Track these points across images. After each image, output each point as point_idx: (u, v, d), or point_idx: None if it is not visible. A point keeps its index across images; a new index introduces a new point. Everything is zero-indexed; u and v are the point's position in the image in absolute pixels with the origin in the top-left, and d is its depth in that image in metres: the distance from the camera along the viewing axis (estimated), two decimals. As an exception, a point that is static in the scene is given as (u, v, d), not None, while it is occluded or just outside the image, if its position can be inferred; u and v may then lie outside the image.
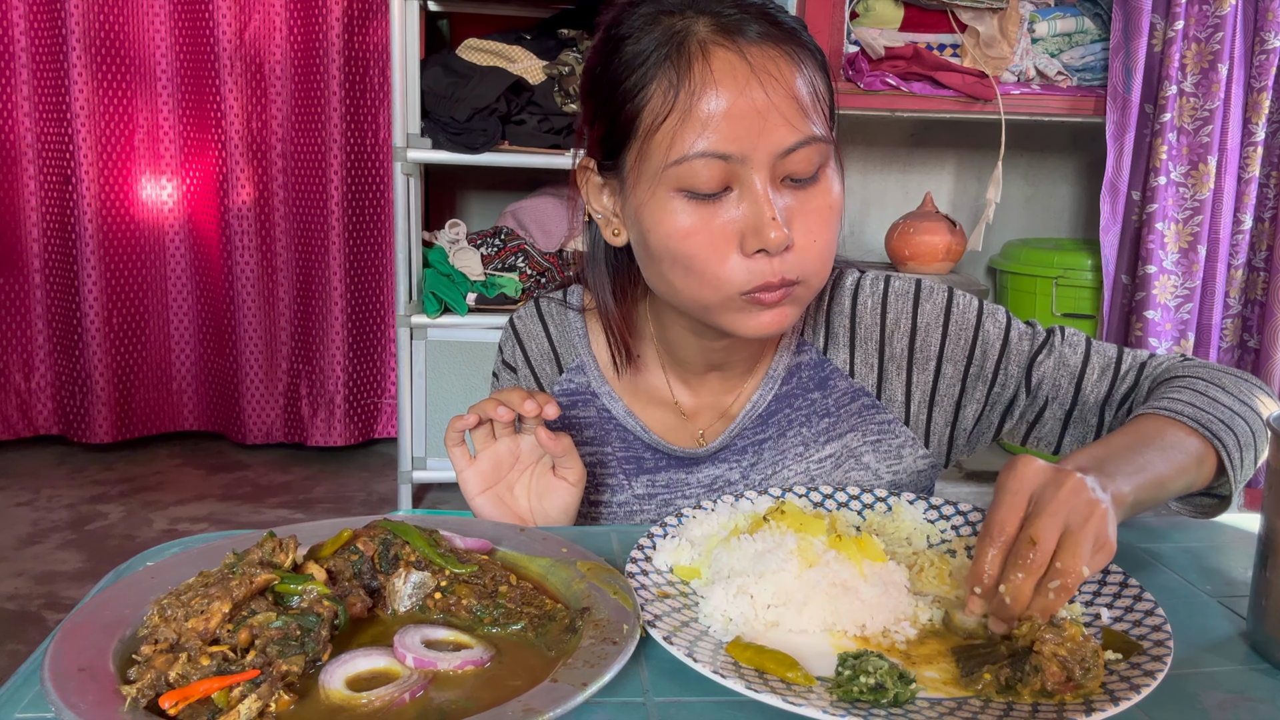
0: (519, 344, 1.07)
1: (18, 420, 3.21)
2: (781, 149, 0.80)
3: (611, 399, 1.01)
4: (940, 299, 0.97)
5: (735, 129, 0.79)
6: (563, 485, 0.91)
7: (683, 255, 0.82)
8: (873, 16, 2.68)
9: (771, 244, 0.79)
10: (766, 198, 0.80)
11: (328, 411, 3.19)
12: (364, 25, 3.01)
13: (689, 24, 0.81)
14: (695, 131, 0.79)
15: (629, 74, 0.83)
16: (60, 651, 0.59)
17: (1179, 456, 0.78)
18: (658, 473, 1.01)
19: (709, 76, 0.79)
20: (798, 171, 0.81)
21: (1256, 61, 2.50)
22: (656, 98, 0.81)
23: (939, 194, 3.18)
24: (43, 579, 2.37)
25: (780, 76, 0.80)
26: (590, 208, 0.93)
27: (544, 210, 2.80)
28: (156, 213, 3.16)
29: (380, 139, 3.07)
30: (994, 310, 0.98)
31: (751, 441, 0.98)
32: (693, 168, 0.80)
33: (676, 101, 0.80)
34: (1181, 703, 0.62)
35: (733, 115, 0.79)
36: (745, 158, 0.79)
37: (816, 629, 0.68)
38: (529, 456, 0.93)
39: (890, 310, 0.97)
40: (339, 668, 0.60)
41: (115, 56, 3.01)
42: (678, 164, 0.80)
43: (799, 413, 0.98)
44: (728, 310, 0.84)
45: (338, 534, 0.72)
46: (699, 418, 1.01)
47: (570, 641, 0.63)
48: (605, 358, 1.02)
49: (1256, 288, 2.62)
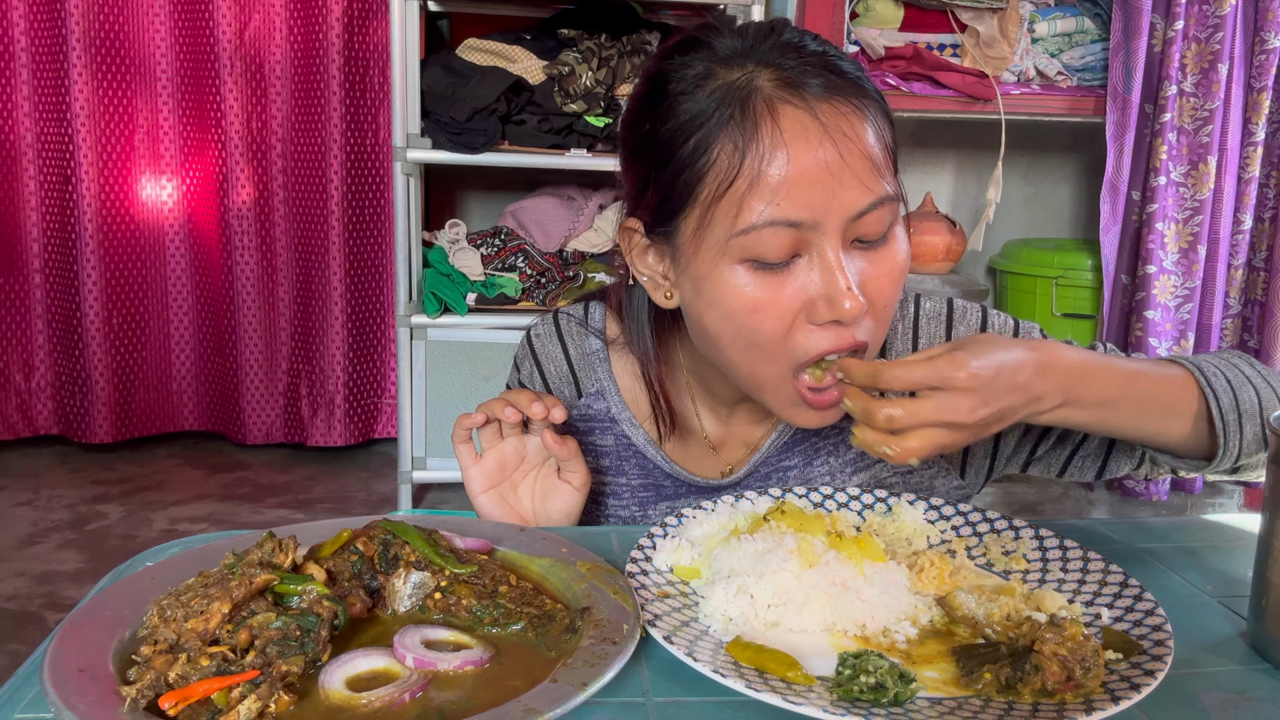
0: (537, 365, 1.03)
1: (18, 420, 3.21)
2: (854, 212, 0.75)
3: (632, 426, 0.98)
4: (974, 320, 0.94)
5: (808, 194, 0.74)
6: (566, 489, 0.91)
7: (747, 329, 0.78)
8: (873, 16, 2.68)
9: (846, 315, 0.75)
10: (840, 265, 0.75)
11: (328, 411, 3.19)
12: (364, 25, 3.01)
13: (750, 78, 0.76)
14: (765, 199, 0.74)
15: (687, 136, 0.77)
16: (60, 652, 0.59)
17: (1166, 386, 0.79)
18: (677, 499, 0.98)
19: (779, 138, 0.74)
20: (869, 234, 0.77)
21: (1256, 61, 2.50)
22: (720, 162, 0.75)
23: (939, 194, 3.18)
24: (43, 579, 2.36)
25: (853, 134, 0.75)
26: (635, 270, 0.87)
27: (544, 210, 2.80)
28: (156, 213, 3.16)
29: (380, 139, 3.07)
30: (1030, 330, 0.94)
31: (776, 469, 0.96)
32: (761, 237, 0.74)
33: (743, 166, 0.74)
34: (1181, 702, 0.62)
35: (805, 180, 0.73)
36: (818, 224, 0.74)
37: (816, 629, 0.67)
38: (535, 458, 0.92)
39: (923, 334, 0.94)
40: (339, 668, 0.60)
41: (115, 56, 3.01)
42: (744, 234, 0.75)
43: (827, 441, 0.95)
44: (781, 393, 0.81)
45: (338, 534, 0.72)
46: (725, 449, 0.98)
47: (570, 641, 0.63)
48: (628, 385, 0.98)
49: (1256, 288, 2.62)
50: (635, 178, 0.84)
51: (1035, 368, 0.72)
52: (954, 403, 0.69)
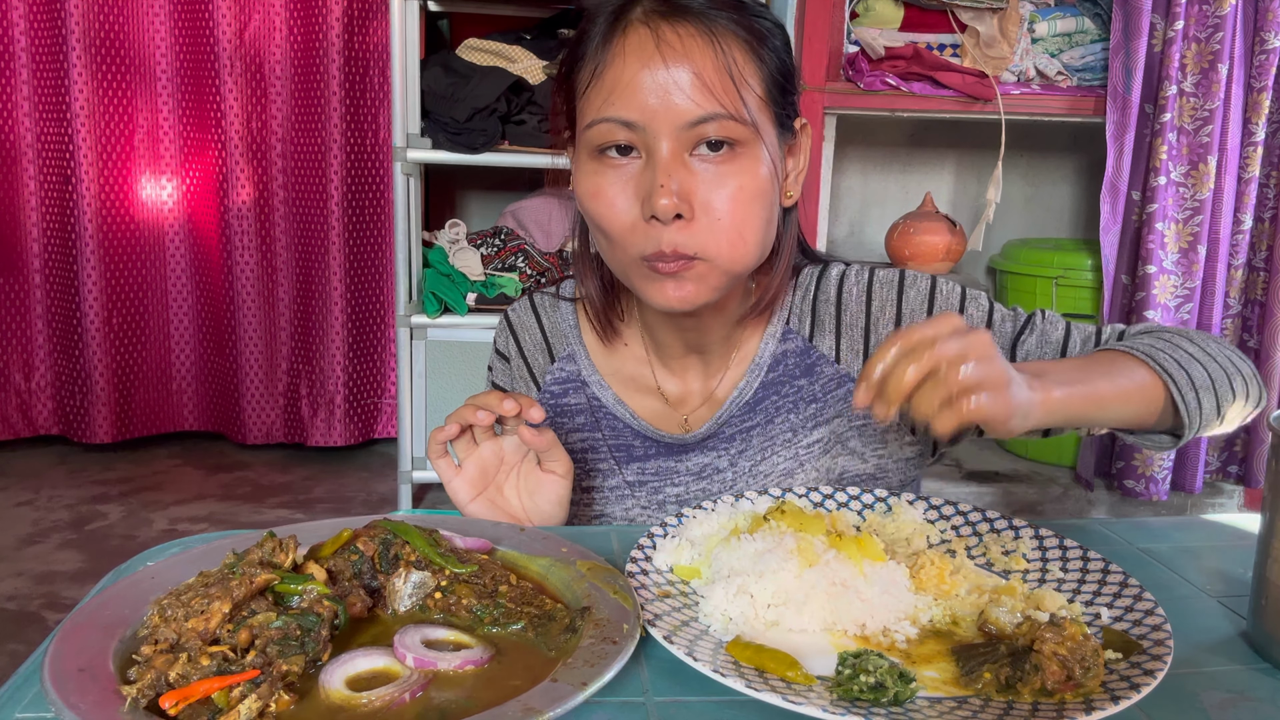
0: (512, 334, 1.09)
1: (18, 420, 3.21)
2: (683, 121, 0.83)
3: (601, 387, 1.03)
4: (924, 286, 0.98)
5: (637, 97, 0.83)
6: (551, 478, 0.92)
7: (594, 214, 0.87)
8: (873, 16, 2.68)
9: (659, 210, 0.82)
10: (663, 166, 0.83)
11: (328, 411, 3.19)
12: (364, 25, 3.01)
13: (628, 6, 0.86)
14: (603, 96, 0.84)
15: (578, 50, 0.89)
16: (60, 651, 0.59)
17: (1123, 382, 0.81)
18: (647, 460, 1.02)
19: (621, 49, 0.84)
20: (707, 146, 0.84)
21: (1256, 61, 2.50)
22: (586, 70, 0.87)
23: (939, 194, 3.18)
24: (43, 579, 2.37)
25: (686, 53, 0.83)
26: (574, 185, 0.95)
27: (544, 210, 2.80)
28: (156, 213, 3.16)
29: (380, 139, 3.07)
30: (976, 295, 0.99)
31: (739, 429, 0.99)
32: (599, 131, 0.84)
33: (595, 72, 0.86)
34: (1181, 702, 0.62)
35: (636, 85, 0.83)
36: (646, 126, 0.83)
37: (816, 628, 0.68)
38: (513, 456, 0.93)
39: (875, 298, 0.98)
40: (339, 668, 0.60)
41: (115, 56, 3.01)
42: (589, 128, 0.85)
43: (786, 399, 0.99)
44: (638, 276, 0.88)
45: (338, 534, 0.72)
46: (684, 404, 1.02)
47: (570, 641, 0.63)
48: (596, 348, 1.04)
49: (1256, 288, 2.62)
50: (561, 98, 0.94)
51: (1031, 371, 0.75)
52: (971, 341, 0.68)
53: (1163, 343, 0.86)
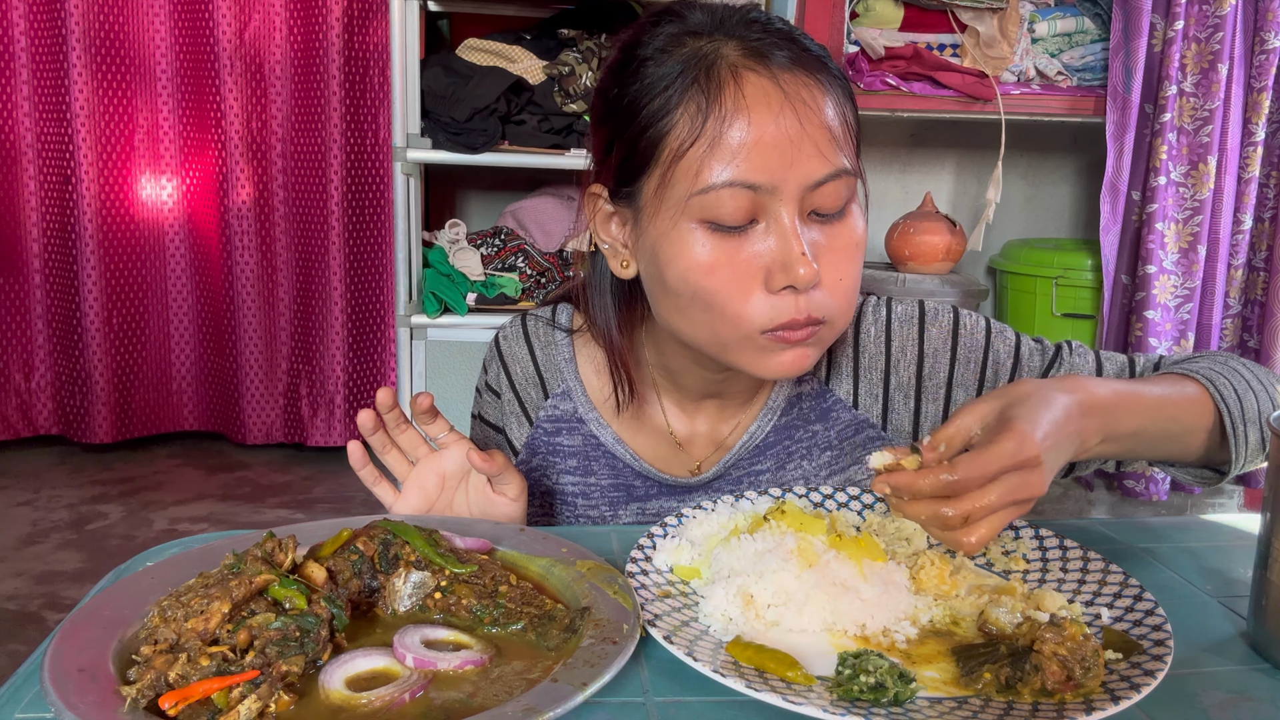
0: (503, 367, 1.03)
1: (18, 420, 3.21)
2: (812, 181, 0.77)
3: (599, 425, 0.97)
4: (946, 322, 0.94)
5: (767, 158, 0.75)
6: (502, 500, 0.88)
7: (704, 291, 0.79)
8: (873, 16, 2.68)
9: (800, 280, 0.76)
10: (795, 232, 0.76)
11: (328, 411, 3.19)
12: (364, 25, 3.01)
13: (717, 47, 0.78)
14: (724, 160, 0.75)
15: (652, 97, 0.78)
16: (60, 651, 0.59)
17: (1187, 407, 0.79)
18: (647, 500, 0.97)
19: (741, 102, 0.75)
20: (825, 206, 0.78)
21: (1256, 61, 2.50)
22: (683, 123, 0.77)
23: (939, 194, 3.17)
24: (43, 579, 2.36)
25: (814, 104, 0.76)
26: (598, 237, 0.89)
27: (544, 210, 2.80)
28: (156, 213, 3.16)
29: (380, 139, 3.07)
30: (1002, 329, 0.95)
31: (748, 472, 0.96)
32: (719, 198, 0.76)
33: (705, 127, 0.76)
34: (1181, 702, 0.62)
35: (764, 144, 0.75)
36: (775, 189, 0.76)
37: (816, 628, 0.67)
38: (455, 474, 0.89)
39: (895, 338, 0.94)
40: (339, 668, 0.60)
41: (115, 56, 3.01)
42: (703, 193, 0.76)
43: (800, 445, 0.95)
44: (747, 350, 0.81)
45: (338, 534, 0.72)
46: (693, 446, 0.98)
47: (570, 642, 0.63)
48: (594, 384, 0.98)
49: (1256, 288, 2.62)
50: (602, 141, 0.86)
51: (1078, 410, 0.70)
52: (1025, 481, 0.65)
53: (1217, 363, 0.84)
